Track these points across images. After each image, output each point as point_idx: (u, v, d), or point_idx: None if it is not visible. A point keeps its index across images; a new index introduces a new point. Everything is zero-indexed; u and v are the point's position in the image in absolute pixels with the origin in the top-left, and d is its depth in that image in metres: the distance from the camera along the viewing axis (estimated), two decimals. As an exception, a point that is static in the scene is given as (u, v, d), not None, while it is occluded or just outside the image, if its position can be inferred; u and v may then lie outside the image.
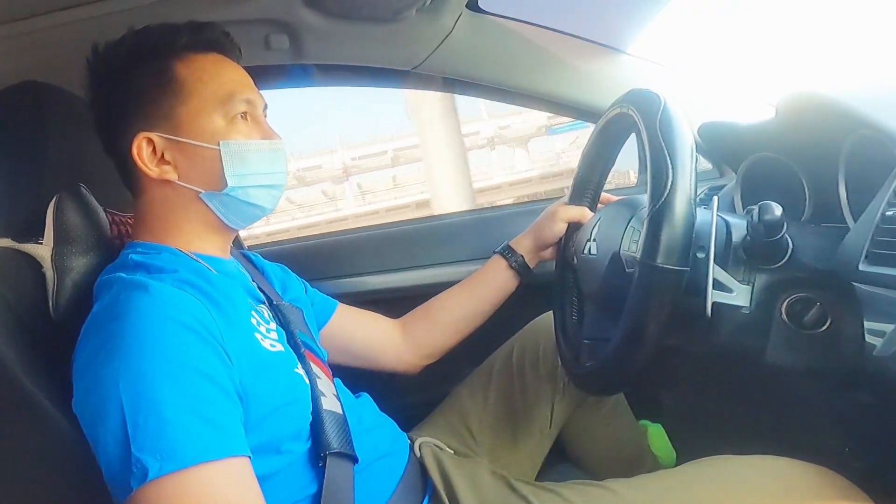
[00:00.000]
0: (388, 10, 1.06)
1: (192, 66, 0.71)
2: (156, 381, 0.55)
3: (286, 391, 0.67)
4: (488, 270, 1.03)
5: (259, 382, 0.63)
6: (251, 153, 0.72)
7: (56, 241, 0.69)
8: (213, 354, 0.60)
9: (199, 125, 0.70)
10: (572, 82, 1.27)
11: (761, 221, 0.65)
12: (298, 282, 0.96)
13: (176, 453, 0.53)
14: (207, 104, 0.70)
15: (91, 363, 0.58)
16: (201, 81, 0.71)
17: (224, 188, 0.71)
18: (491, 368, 1.04)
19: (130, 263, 0.68)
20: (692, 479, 0.76)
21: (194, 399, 0.56)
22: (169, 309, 0.60)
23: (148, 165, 0.69)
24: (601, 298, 0.85)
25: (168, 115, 0.70)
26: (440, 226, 1.43)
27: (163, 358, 0.57)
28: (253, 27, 1.05)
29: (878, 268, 0.59)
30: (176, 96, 0.70)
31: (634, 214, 0.76)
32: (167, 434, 0.53)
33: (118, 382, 0.55)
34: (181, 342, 0.58)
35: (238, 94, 0.72)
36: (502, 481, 0.83)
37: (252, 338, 0.67)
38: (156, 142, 0.69)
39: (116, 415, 0.54)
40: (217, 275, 0.71)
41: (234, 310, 0.67)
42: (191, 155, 0.70)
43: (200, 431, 0.55)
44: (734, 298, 0.68)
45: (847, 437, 0.82)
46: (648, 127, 0.68)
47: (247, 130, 0.72)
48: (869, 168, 0.72)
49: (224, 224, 0.74)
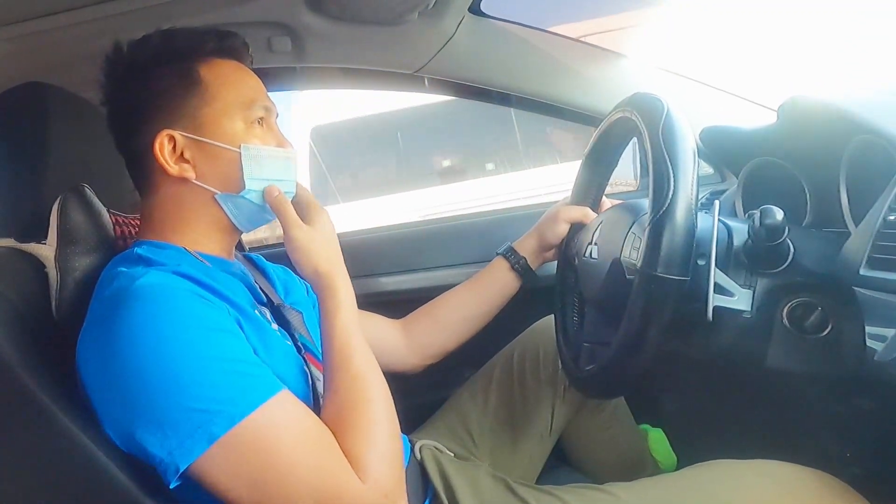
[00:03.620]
0: (390, 14, 1.06)
1: (216, 70, 0.73)
2: (187, 347, 0.58)
3: (291, 377, 0.68)
4: (491, 272, 1.03)
5: (268, 354, 0.66)
6: (267, 159, 0.73)
7: (59, 241, 0.70)
8: (224, 314, 0.63)
9: (220, 127, 0.71)
10: (574, 86, 1.27)
11: (763, 226, 0.65)
12: (301, 284, 0.96)
13: (236, 404, 0.56)
14: (229, 107, 0.72)
15: (109, 353, 0.58)
16: (224, 86, 0.72)
17: (241, 190, 0.72)
18: (491, 372, 1.04)
19: (133, 257, 0.69)
20: (692, 484, 0.76)
21: (226, 351, 0.59)
22: (172, 282, 0.62)
23: (168, 162, 0.71)
24: (602, 303, 0.85)
25: (191, 115, 0.71)
26: (444, 228, 1.43)
27: (182, 326, 0.59)
28: (255, 30, 1.06)
29: (880, 272, 0.59)
30: (200, 97, 0.71)
31: (636, 220, 0.76)
32: (218, 391, 0.56)
33: (150, 360, 0.57)
34: (194, 308, 0.61)
35: (257, 101, 0.74)
36: (503, 484, 0.83)
37: (259, 318, 0.69)
38: (177, 140, 0.71)
39: (159, 391, 0.56)
40: (221, 273, 0.72)
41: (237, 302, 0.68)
42: (210, 155, 0.71)
43: (244, 378, 0.58)
44: (735, 303, 0.68)
45: (847, 442, 0.82)
46: (651, 133, 0.68)
47: (263, 136, 0.74)
48: (870, 173, 0.72)
49: (233, 226, 0.75)
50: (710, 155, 1.27)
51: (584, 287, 0.91)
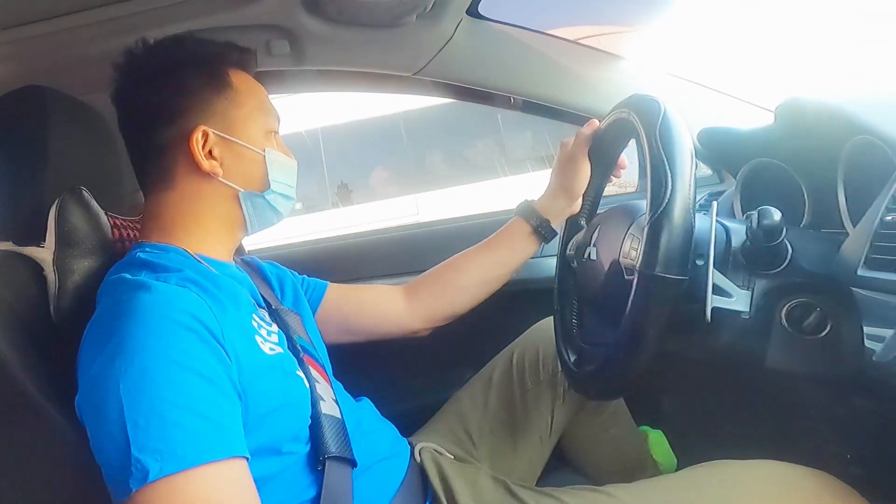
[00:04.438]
0: (388, 16, 1.06)
1: (240, 78, 0.78)
2: (156, 382, 0.55)
3: (285, 392, 0.68)
4: (512, 234, 0.99)
5: (258, 383, 0.64)
6: (284, 165, 0.79)
7: (58, 244, 0.70)
8: (212, 355, 0.60)
9: (248, 129, 0.76)
10: (572, 88, 1.28)
11: (760, 227, 0.65)
12: (288, 272, 0.96)
13: (176, 454, 0.53)
14: (255, 113, 0.77)
15: (93, 363, 0.58)
16: (249, 93, 0.78)
17: (265, 190, 0.76)
18: (491, 373, 1.04)
19: (136, 262, 0.68)
20: (692, 485, 0.76)
21: (195, 400, 0.56)
22: (170, 310, 0.60)
23: (202, 157, 0.72)
24: (601, 304, 0.85)
25: (222, 115, 0.74)
26: (441, 231, 1.44)
27: (163, 359, 0.57)
28: (254, 33, 1.06)
29: (877, 273, 0.59)
30: (230, 100, 0.75)
31: (634, 221, 0.76)
32: (167, 435, 0.53)
33: (119, 383, 0.55)
34: (182, 344, 0.58)
35: (274, 113, 0.80)
36: (502, 486, 0.83)
37: (252, 340, 0.68)
38: (210, 137, 0.73)
39: (117, 415, 0.54)
40: (221, 276, 0.72)
41: (236, 310, 0.68)
42: (238, 155, 0.75)
43: (201, 432, 0.55)
44: (734, 304, 0.68)
45: (847, 442, 0.82)
46: (648, 134, 0.69)
47: (275, 145, 0.79)
48: (867, 173, 0.72)
49: (243, 226, 0.78)
50: (709, 156, 1.28)
51: (583, 288, 0.91)
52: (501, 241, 1.00)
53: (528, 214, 0.98)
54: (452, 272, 1.00)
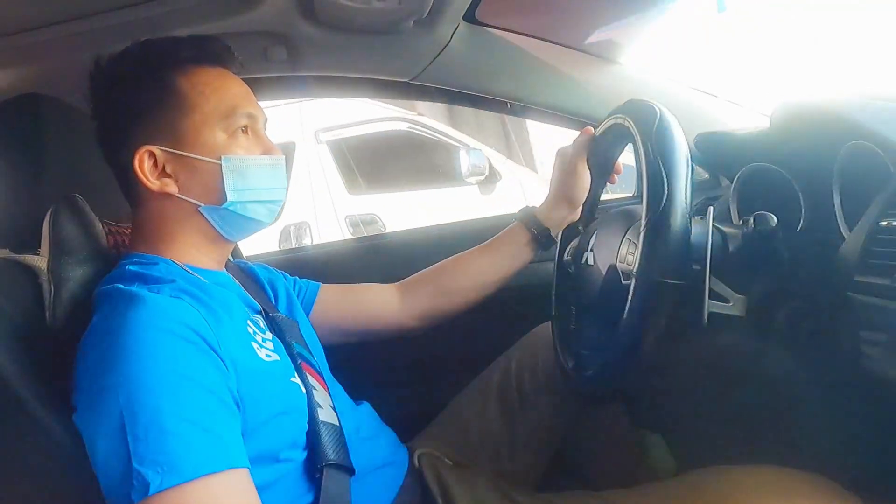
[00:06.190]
0: (385, 22, 1.06)
1: (194, 79, 0.72)
2: (154, 394, 0.55)
3: (282, 400, 0.68)
4: (511, 240, 0.99)
5: (255, 390, 0.64)
6: (251, 168, 0.72)
7: (52, 251, 0.70)
8: (210, 365, 0.60)
9: (200, 139, 0.70)
10: (569, 93, 1.28)
11: (756, 231, 0.66)
12: (280, 275, 0.95)
13: (177, 466, 0.52)
14: (209, 118, 0.71)
15: (90, 376, 0.58)
16: (203, 95, 0.71)
17: (224, 202, 0.71)
18: (490, 379, 1.04)
19: (128, 274, 0.68)
20: (691, 489, 0.76)
21: (194, 410, 0.56)
22: (165, 321, 0.60)
23: (149, 178, 0.70)
24: (598, 308, 0.85)
25: (170, 129, 0.70)
26: (440, 234, 1.44)
27: (161, 370, 0.56)
28: (251, 39, 1.06)
29: (873, 278, 0.59)
30: (178, 110, 0.70)
31: (631, 226, 0.76)
32: (168, 447, 0.53)
33: (117, 395, 0.54)
34: (178, 354, 0.58)
35: (240, 108, 0.72)
36: (501, 492, 0.83)
37: (249, 346, 0.67)
38: (157, 155, 0.70)
39: (116, 428, 0.53)
40: (211, 285, 0.71)
41: (230, 319, 0.67)
42: (192, 168, 0.70)
43: (201, 443, 0.55)
44: (730, 308, 0.68)
45: (844, 446, 0.82)
46: (645, 139, 0.69)
47: (247, 145, 0.73)
48: (863, 178, 0.72)
49: (222, 236, 0.75)
50: (705, 160, 1.28)
51: (581, 293, 0.91)
52: (499, 247, 1.00)
53: (529, 222, 0.98)
54: (448, 274, 1.00)
